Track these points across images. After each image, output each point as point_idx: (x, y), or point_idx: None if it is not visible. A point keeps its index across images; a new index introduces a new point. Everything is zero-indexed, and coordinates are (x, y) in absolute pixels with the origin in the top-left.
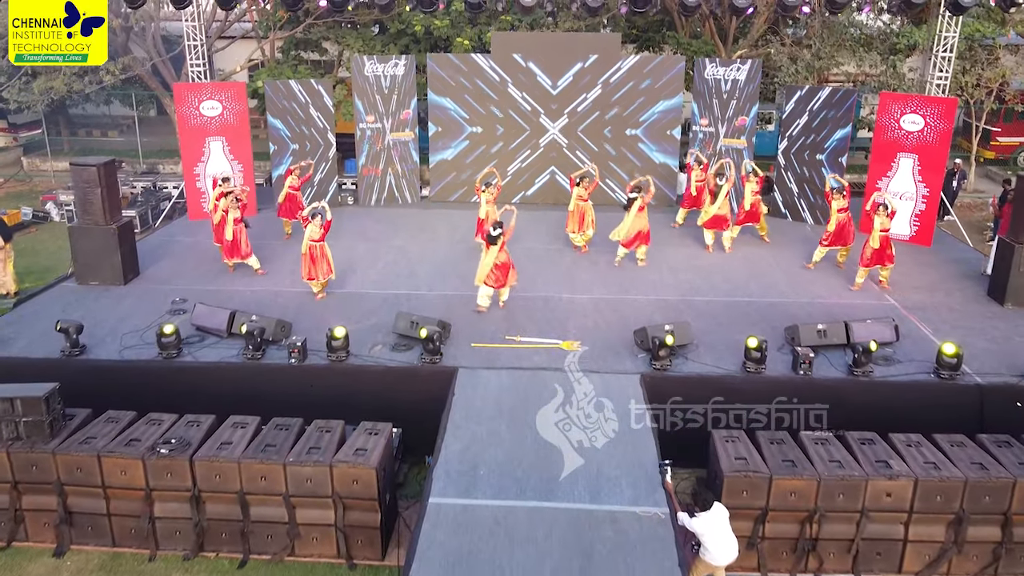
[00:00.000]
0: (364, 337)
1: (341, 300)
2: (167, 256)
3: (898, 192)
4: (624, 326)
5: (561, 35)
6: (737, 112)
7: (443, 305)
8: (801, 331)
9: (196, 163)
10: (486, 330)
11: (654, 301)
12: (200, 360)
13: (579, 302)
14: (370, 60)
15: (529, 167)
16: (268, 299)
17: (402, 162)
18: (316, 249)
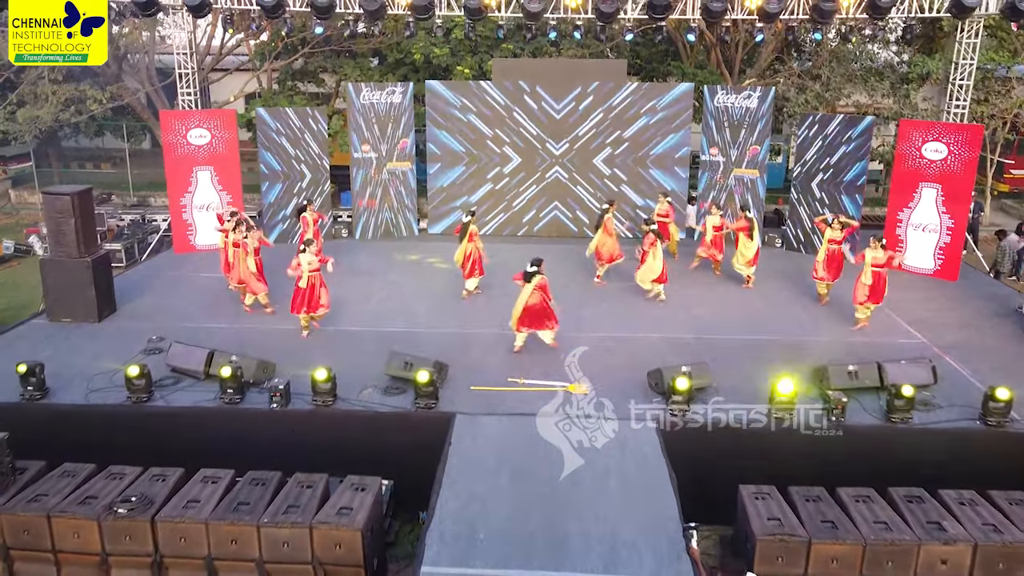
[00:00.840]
0: (353, 379)
1: (330, 338)
2: (148, 291)
3: (920, 224)
4: (635, 367)
5: (565, 61)
6: (749, 141)
7: (440, 345)
8: (830, 372)
9: (183, 194)
10: (487, 372)
11: (667, 339)
12: (172, 405)
13: (587, 341)
14: (366, 87)
15: (532, 199)
16: (254, 337)
17: (399, 194)
18: (316, 278)
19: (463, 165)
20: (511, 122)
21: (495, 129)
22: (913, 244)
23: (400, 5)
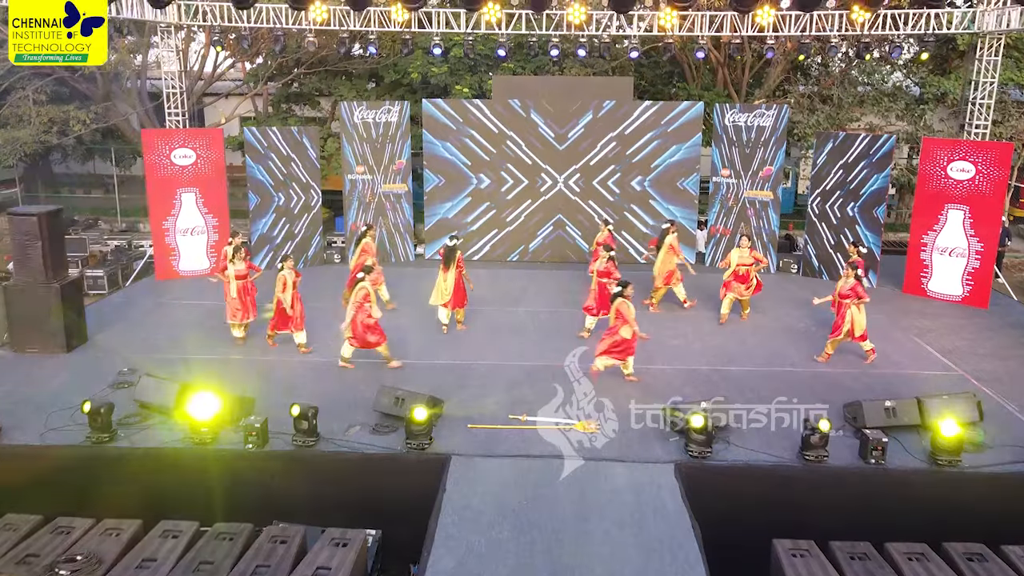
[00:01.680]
0: (340, 416)
1: (318, 371)
2: (124, 320)
3: (947, 248)
4: (650, 402)
5: (569, 79)
6: (762, 162)
7: (434, 378)
8: (866, 409)
9: (165, 217)
10: (486, 407)
11: (682, 371)
12: (136, 446)
13: (605, 378)
14: (359, 106)
15: (534, 222)
16: (237, 369)
17: (395, 217)
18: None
19: (461, 187)
20: (512, 142)
21: (495, 149)
22: (939, 269)
23: (397, 23)
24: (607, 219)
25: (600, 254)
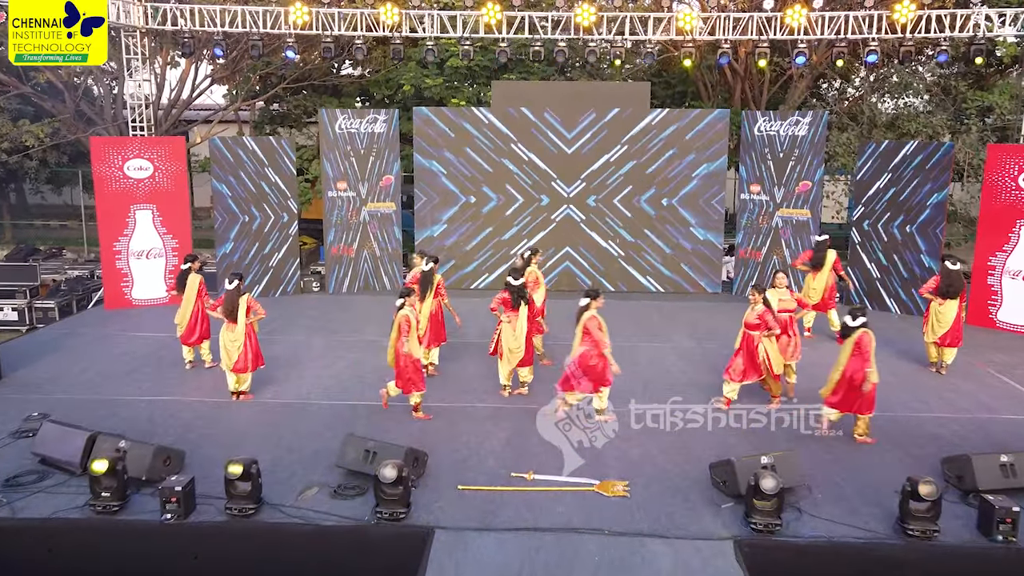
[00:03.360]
0: (293, 474)
1: (273, 415)
2: (55, 353)
3: (1020, 271)
4: (689, 455)
5: (577, 85)
6: (798, 176)
7: (418, 424)
8: (976, 466)
9: (117, 237)
10: (480, 463)
11: (728, 414)
12: (18, 517)
13: (618, 416)
14: (343, 114)
15: (538, 243)
16: (177, 413)
17: (382, 239)
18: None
19: (457, 206)
20: (514, 156)
21: (495, 164)
22: (1011, 296)
23: (386, 26)
24: (533, 248)
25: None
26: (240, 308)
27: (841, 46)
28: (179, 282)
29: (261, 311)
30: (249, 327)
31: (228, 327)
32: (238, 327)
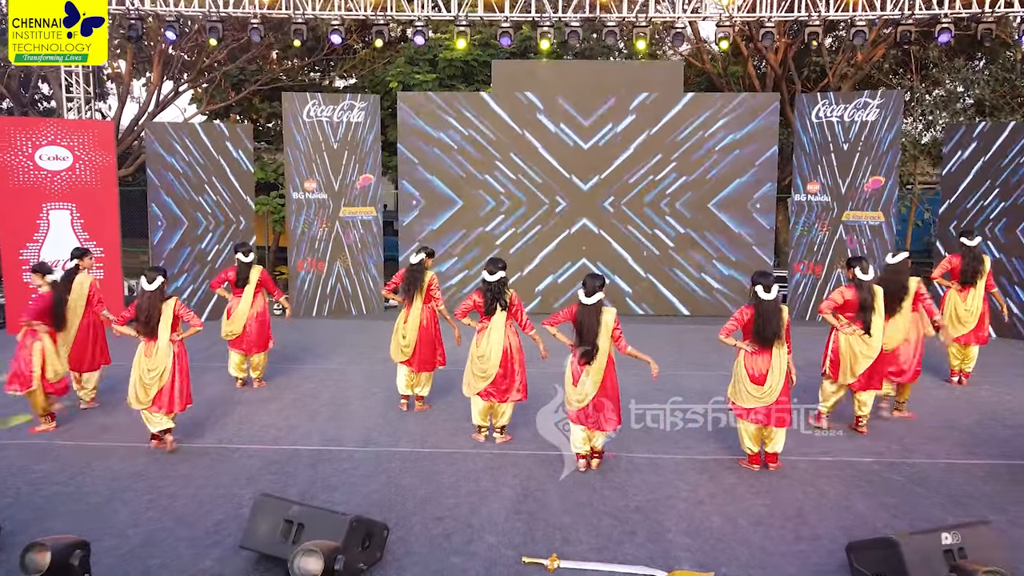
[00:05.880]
0: (164, 563)
1: (191, 461)
2: None
3: None
4: (797, 524)
5: (595, 64)
6: (867, 170)
7: (383, 478)
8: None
9: (24, 245)
10: (473, 540)
11: (839, 463)
12: None
13: (682, 474)
14: (312, 99)
15: (549, 258)
16: (36, 458)
17: (359, 251)
18: None
19: (450, 211)
20: (518, 150)
21: (496, 159)
22: None
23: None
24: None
25: None
26: (163, 319)
27: (908, 24)
28: (62, 284)
29: (196, 321)
30: (180, 347)
31: (146, 348)
32: (159, 346)
